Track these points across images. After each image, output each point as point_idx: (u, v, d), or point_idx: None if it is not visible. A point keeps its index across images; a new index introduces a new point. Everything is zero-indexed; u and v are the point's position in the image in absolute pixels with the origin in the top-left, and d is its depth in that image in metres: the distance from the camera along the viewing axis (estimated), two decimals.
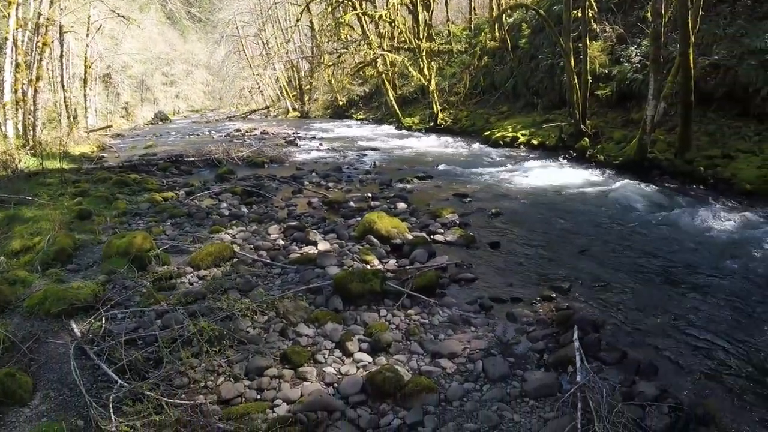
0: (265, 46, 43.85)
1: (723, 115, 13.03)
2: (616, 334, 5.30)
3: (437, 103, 23.61)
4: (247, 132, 25.19)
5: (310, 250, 7.61)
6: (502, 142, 17.84)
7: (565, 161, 14.39)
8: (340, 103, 36.65)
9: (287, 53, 40.55)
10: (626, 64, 15.76)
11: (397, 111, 26.30)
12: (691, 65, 11.58)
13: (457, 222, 8.93)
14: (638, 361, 4.73)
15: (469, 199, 10.68)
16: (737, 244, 7.58)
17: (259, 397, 4.21)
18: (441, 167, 14.47)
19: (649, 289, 6.34)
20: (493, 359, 4.75)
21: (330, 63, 31.44)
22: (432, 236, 8.22)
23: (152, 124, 36.97)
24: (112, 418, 3.70)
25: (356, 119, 32.73)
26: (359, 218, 8.64)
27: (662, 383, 4.45)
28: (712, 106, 13.24)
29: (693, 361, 4.80)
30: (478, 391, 4.35)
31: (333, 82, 35.63)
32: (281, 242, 8.09)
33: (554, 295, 6.10)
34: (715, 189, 10.67)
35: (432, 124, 23.56)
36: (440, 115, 23.47)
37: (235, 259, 7.13)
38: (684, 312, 5.70)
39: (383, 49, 26.46)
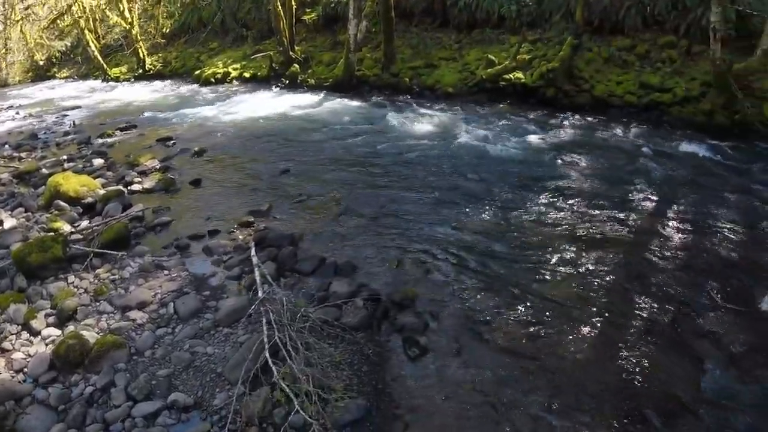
0: None
1: (425, 28, 14.32)
2: (316, 242, 5.46)
3: (143, 48, 21.92)
4: None
5: None
6: (213, 80, 17.38)
7: (277, 90, 14.49)
8: (40, 63, 32.28)
9: None
10: None
11: (102, 62, 23.87)
12: None
13: (158, 167, 8.59)
14: (335, 264, 4.93)
15: (173, 141, 10.20)
16: (437, 139, 8.37)
17: None
18: (147, 114, 13.57)
19: (351, 193, 6.65)
20: (184, 298, 4.60)
21: (20, 17, 27.11)
22: (129, 187, 7.82)
23: None
24: None
25: (60, 78, 29.45)
26: None
27: (360, 280, 4.70)
28: (414, 20, 14.40)
29: (394, 252, 5.16)
30: (170, 334, 4.21)
31: (28, 38, 30.91)
32: None
33: (253, 219, 6.09)
34: (421, 96, 11.75)
35: (141, 71, 21.96)
36: (148, 61, 21.94)
37: None
38: (383, 208, 6.12)
39: None
